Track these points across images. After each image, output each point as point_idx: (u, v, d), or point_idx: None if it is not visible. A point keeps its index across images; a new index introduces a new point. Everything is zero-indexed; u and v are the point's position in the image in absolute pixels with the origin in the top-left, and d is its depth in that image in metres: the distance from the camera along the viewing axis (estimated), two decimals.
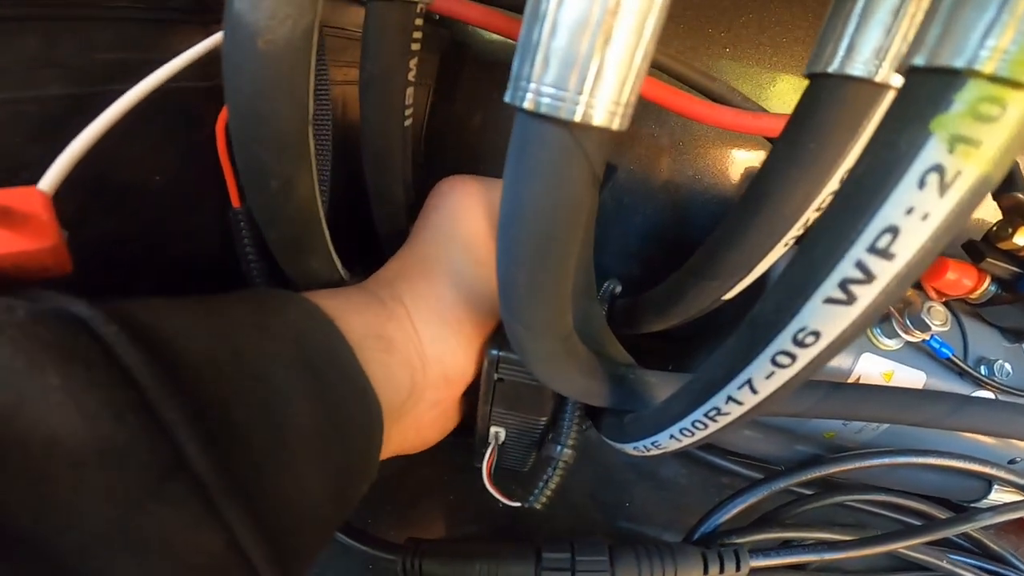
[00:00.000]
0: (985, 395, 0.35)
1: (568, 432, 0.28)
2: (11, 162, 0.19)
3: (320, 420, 0.19)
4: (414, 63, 0.27)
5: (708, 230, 0.28)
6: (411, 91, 0.28)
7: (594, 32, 0.12)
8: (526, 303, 0.19)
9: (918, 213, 0.11)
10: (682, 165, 0.47)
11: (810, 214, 0.24)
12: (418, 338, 0.26)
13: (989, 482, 0.37)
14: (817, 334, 0.14)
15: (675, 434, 0.21)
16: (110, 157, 0.19)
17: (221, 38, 0.19)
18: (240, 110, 0.18)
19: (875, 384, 0.34)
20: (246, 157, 0.20)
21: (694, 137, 0.46)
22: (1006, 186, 0.32)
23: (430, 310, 0.26)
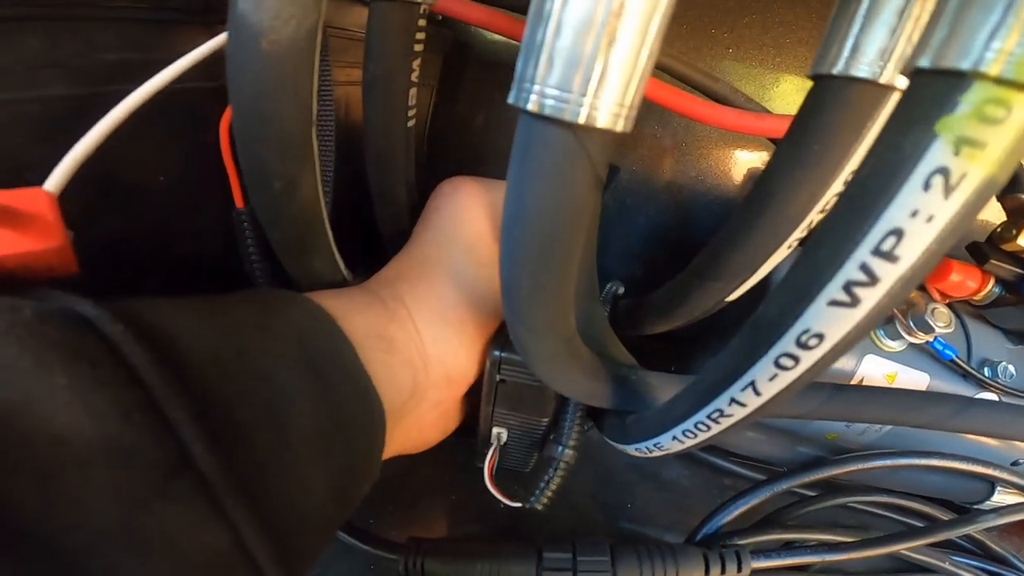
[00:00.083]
0: (988, 397, 0.35)
1: (570, 433, 0.28)
2: (15, 163, 0.19)
3: (322, 420, 0.19)
4: (417, 64, 0.27)
5: (711, 231, 0.28)
6: (414, 92, 0.28)
7: (598, 33, 0.12)
8: (529, 304, 0.19)
9: (923, 215, 0.11)
10: (685, 166, 0.47)
11: (814, 216, 0.23)
12: (420, 339, 0.26)
13: (992, 484, 0.37)
14: (821, 336, 0.14)
15: (678, 435, 0.21)
16: (115, 157, 0.19)
17: (225, 38, 0.19)
18: (244, 110, 0.18)
19: (878, 386, 0.34)
20: (250, 157, 0.20)
21: (697, 138, 0.46)
22: (1010, 188, 0.32)
23: (432, 311, 0.26)
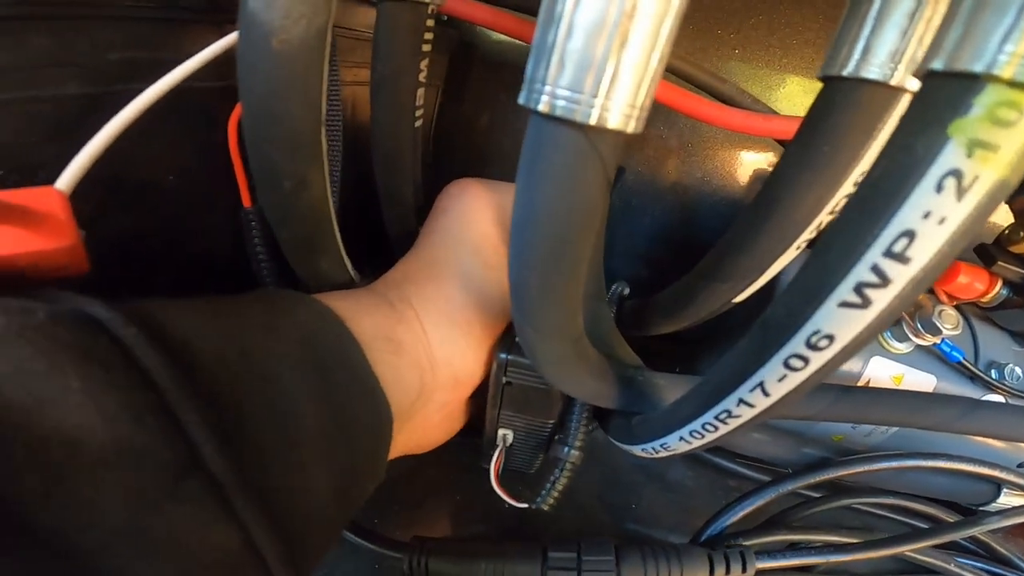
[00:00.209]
0: (995, 399, 0.35)
1: (576, 433, 0.28)
2: (26, 162, 0.20)
3: (326, 421, 0.19)
4: (425, 64, 0.27)
5: (717, 232, 0.28)
6: (422, 92, 0.28)
7: (610, 35, 0.12)
8: (538, 306, 0.19)
9: (935, 217, 0.11)
10: (691, 167, 0.46)
11: (823, 217, 0.23)
12: (427, 340, 0.26)
13: (998, 485, 0.37)
14: (831, 338, 0.14)
15: (684, 436, 0.21)
16: (125, 156, 0.19)
17: (236, 38, 0.19)
18: (254, 109, 0.18)
19: (885, 388, 0.34)
20: (259, 156, 0.20)
21: (703, 139, 0.46)
22: (1020, 190, 0.32)
23: (439, 312, 0.26)
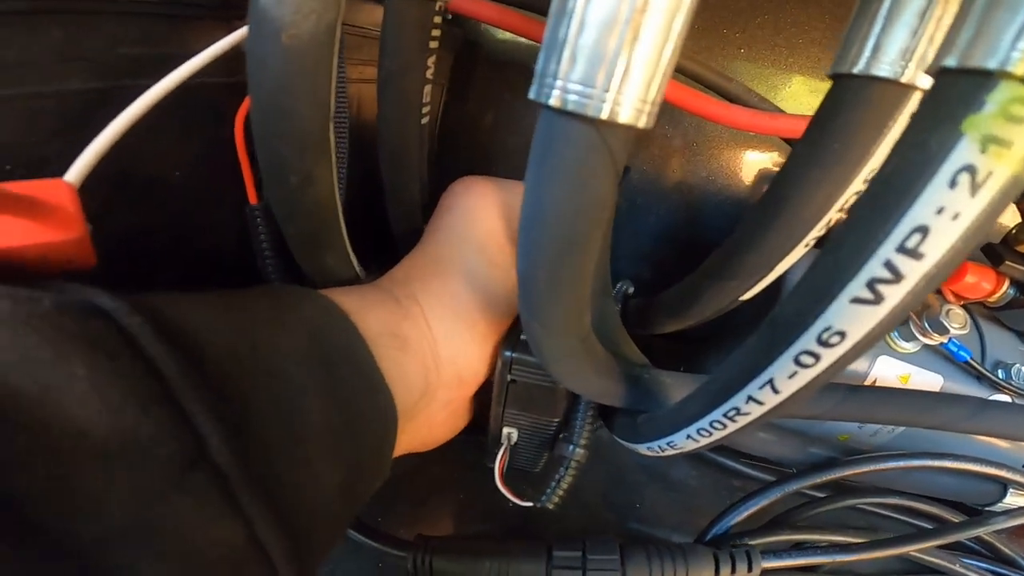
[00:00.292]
0: (1002, 399, 0.34)
1: (581, 432, 0.28)
2: (34, 156, 0.19)
3: (333, 417, 0.19)
4: (432, 61, 0.27)
5: (722, 231, 0.28)
6: (429, 89, 0.28)
7: (623, 30, 0.12)
8: (546, 302, 0.18)
9: (949, 213, 0.11)
10: (696, 166, 0.46)
11: (833, 215, 0.23)
12: (432, 337, 0.26)
13: (1004, 486, 0.37)
14: (843, 334, 0.14)
15: (692, 434, 0.21)
16: (132, 151, 0.19)
17: (245, 33, 0.19)
18: (263, 104, 0.18)
19: (893, 387, 0.34)
20: (267, 151, 0.20)
21: (707, 138, 0.46)
22: None
23: (444, 309, 0.26)
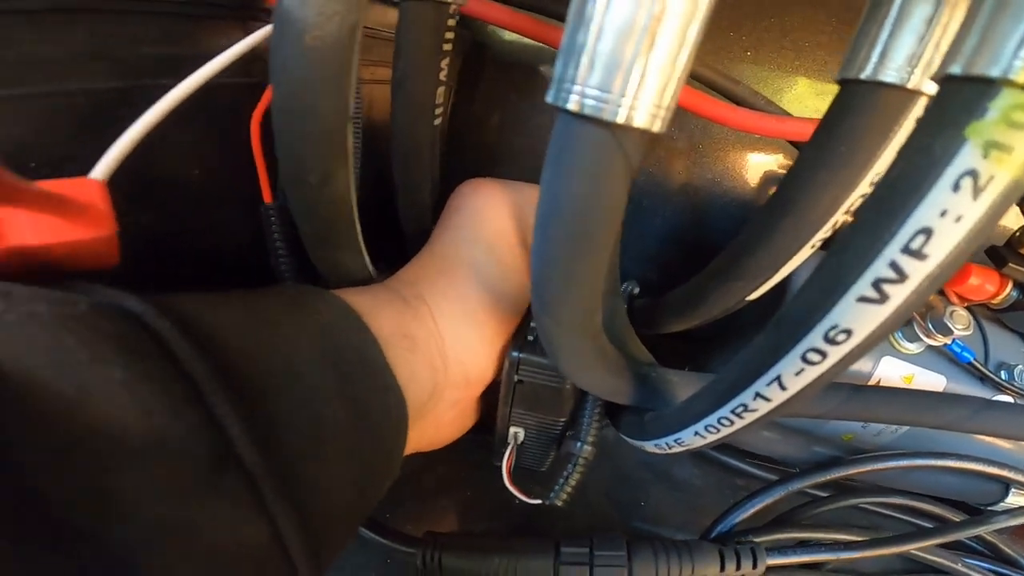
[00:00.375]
0: (1005, 399, 0.35)
1: (588, 429, 0.28)
2: (57, 154, 0.20)
3: (350, 416, 0.19)
4: (445, 63, 0.27)
5: (727, 233, 0.29)
6: (441, 91, 0.28)
7: (640, 37, 0.13)
8: (560, 298, 0.19)
9: (952, 215, 0.12)
10: (701, 168, 0.47)
11: (839, 217, 0.24)
12: (440, 337, 0.26)
13: (1006, 485, 0.37)
14: (849, 332, 0.14)
15: (699, 431, 0.21)
16: (152, 151, 0.20)
17: (265, 35, 0.19)
18: (285, 104, 0.19)
19: (897, 387, 0.34)
20: (287, 150, 0.20)
21: (713, 140, 0.46)
22: None
23: (452, 309, 0.27)
